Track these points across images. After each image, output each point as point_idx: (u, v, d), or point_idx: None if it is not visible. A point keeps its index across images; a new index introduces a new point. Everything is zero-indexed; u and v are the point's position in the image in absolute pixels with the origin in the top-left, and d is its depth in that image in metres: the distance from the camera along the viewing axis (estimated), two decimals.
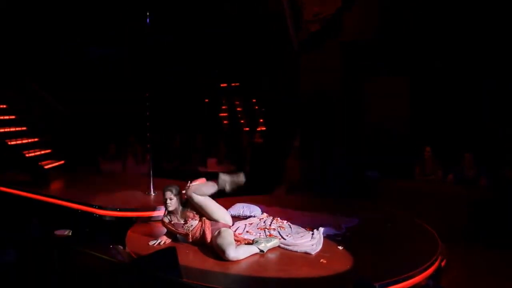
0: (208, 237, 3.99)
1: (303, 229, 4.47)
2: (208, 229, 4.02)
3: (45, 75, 10.14)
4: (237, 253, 3.75)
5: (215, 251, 3.85)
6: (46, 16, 10.38)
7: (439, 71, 7.92)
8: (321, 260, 3.72)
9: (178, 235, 4.22)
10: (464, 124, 7.59)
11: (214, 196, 4.21)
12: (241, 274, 3.61)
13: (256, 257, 3.82)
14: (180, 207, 4.15)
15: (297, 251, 3.96)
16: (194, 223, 4.09)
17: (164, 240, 4.18)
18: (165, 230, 4.30)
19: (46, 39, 10.56)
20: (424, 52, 7.95)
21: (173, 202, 4.11)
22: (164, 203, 4.14)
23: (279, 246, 4.03)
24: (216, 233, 3.93)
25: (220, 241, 3.83)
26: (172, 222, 4.15)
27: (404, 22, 8.13)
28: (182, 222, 4.12)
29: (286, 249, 3.99)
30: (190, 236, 4.09)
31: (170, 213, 4.17)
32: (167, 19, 9.77)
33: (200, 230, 4.05)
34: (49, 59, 10.60)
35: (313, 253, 3.91)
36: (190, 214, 4.11)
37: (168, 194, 4.10)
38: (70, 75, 10.58)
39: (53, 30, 10.55)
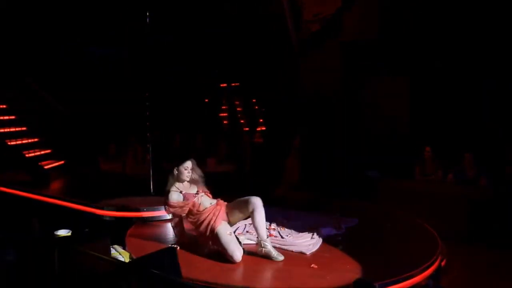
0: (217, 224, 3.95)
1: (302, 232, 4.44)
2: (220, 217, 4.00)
3: (45, 75, 10.14)
4: (240, 252, 3.77)
5: (216, 247, 3.87)
6: (46, 16, 10.38)
7: (439, 71, 7.92)
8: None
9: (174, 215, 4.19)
10: (464, 124, 7.59)
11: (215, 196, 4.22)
12: (241, 274, 3.61)
13: (257, 257, 3.83)
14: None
15: (293, 251, 3.96)
16: (206, 200, 4.10)
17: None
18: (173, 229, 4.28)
19: (46, 39, 10.56)
20: (424, 52, 7.95)
21: (191, 174, 4.22)
22: (182, 174, 4.19)
23: (275, 247, 3.95)
24: (216, 232, 3.90)
25: (224, 239, 3.85)
26: (183, 192, 4.16)
27: (404, 22, 8.13)
28: (194, 192, 4.16)
29: (282, 249, 3.97)
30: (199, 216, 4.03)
31: (181, 184, 4.23)
32: (167, 19, 9.76)
33: (213, 216, 4.00)
34: (49, 59, 10.60)
35: (308, 253, 3.91)
36: (201, 188, 4.20)
37: (190, 164, 4.21)
38: (70, 75, 10.58)
39: (53, 30, 10.55)
